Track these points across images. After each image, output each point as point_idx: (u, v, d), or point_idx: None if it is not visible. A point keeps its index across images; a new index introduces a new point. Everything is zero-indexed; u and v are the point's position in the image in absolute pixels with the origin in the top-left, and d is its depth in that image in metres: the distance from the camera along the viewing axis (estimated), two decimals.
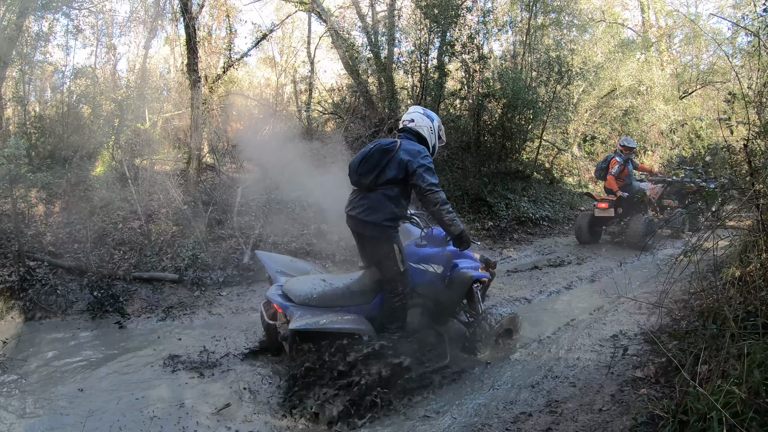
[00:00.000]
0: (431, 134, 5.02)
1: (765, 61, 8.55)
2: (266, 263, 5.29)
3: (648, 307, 6.04)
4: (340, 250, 8.85)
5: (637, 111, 19.08)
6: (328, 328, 4.33)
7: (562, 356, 5.00)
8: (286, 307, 4.45)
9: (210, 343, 5.96)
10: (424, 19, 13.96)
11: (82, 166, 9.81)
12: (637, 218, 10.92)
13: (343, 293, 4.68)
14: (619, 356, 4.68)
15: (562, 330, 5.97)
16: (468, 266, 5.35)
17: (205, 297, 7.50)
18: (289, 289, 4.61)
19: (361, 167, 4.64)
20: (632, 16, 22.96)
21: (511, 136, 15.15)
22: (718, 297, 4.45)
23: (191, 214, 8.69)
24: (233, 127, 15.76)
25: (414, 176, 4.53)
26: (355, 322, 4.54)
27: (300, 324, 4.19)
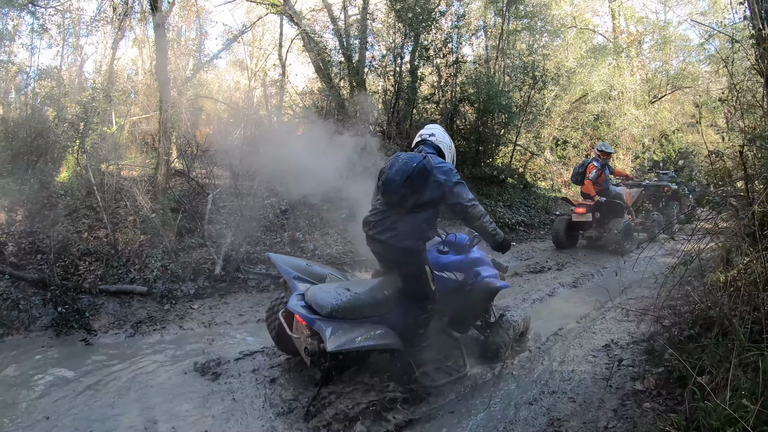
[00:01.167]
0: (449, 152, 4.80)
1: (738, 67, 8.54)
2: (282, 268, 4.84)
3: (636, 313, 5.94)
4: (315, 259, 8.57)
5: (608, 115, 19.27)
6: (365, 346, 4.06)
7: (556, 369, 4.86)
8: (313, 321, 4.06)
9: (184, 357, 5.63)
10: (397, 23, 13.83)
11: (46, 171, 9.37)
12: (615, 223, 10.84)
13: (369, 303, 4.38)
14: (615, 367, 4.59)
15: (551, 340, 5.81)
16: (490, 275, 5.20)
17: (175, 310, 7.12)
18: (313, 299, 4.21)
19: (404, 187, 4.28)
20: (603, 23, 23.17)
21: (485, 141, 15.11)
22: (708, 303, 4.34)
23: (160, 223, 8.34)
24: (202, 131, 15.43)
25: (451, 195, 4.36)
26: (387, 336, 4.25)
27: (337, 344, 3.84)
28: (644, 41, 23.26)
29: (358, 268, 8.72)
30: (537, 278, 9.06)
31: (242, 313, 7.11)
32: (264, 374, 5.05)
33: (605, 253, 10.83)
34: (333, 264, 8.62)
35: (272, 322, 5.13)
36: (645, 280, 6.86)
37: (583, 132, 19.79)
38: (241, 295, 7.68)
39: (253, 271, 8.07)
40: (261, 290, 7.86)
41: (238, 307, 7.28)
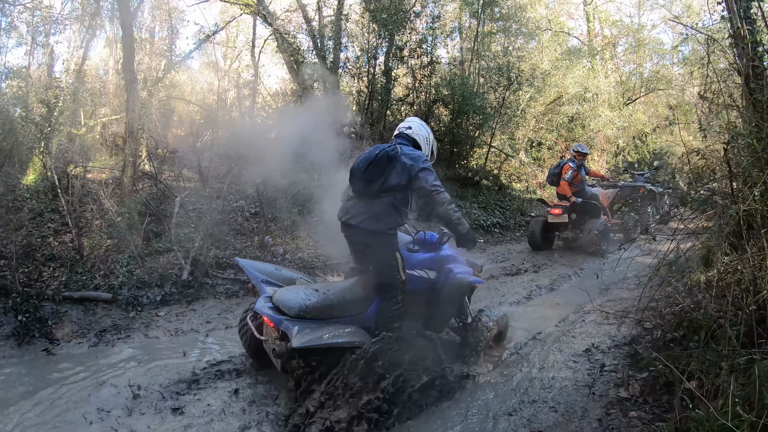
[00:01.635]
0: (426, 144, 4.87)
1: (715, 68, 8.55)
2: (250, 272, 4.74)
3: (616, 316, 5.83)
4: (285, 264, 8.39)
5: (583, 117, 19.29)
6: (332, 344, 3.96)
7: (536, 376, 4.71)
8: (280, 321, 3.97)
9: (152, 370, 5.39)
10: (371, 23, 13.68)
11: (12, 173, 9.07)
12: (591, 223, 10.78)
13: (338, 303, 4.30)
14: (597, 374, 4.48)
15: (530, 345, 5.65)
16: (463, 271, 5.10)
17: (141, 318, 6.87)
18: (281, 300, 4.11)
19: (367, 173, 4.39)
20: (578, 26, 23.35)
21: (459, 143, 15.04)
22: (691, 305, 4.26)
23: (126, 227, 8.09)
24: (174, 133, 15.19)
25: (417, 180, 4.35)
26: (356, 334, 4.20)
27: (303, 341, 3.77)
28: (618, 44, 23.48)
29: (329, 272, 8.55)
30: (513, 281, 8.93)
31: (210, 320, 6.89)
32: (231, 385, 4.85)
33: (582, 255, 10.78)
34: (304, 268, 8.46)
35: (244, 329, 5.00)
36: (624, 281, 6.78)
37: (557, 134, 19.84)
38: (209, 302, 7.46)
39: (221, 277, 7.86)
40: (230, 296, 7.63)
41: (206, 314, 7.06)
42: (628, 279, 7.15)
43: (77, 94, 12.17)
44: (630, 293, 6.83)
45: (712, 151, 5.15)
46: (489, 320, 5.27)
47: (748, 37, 5.49)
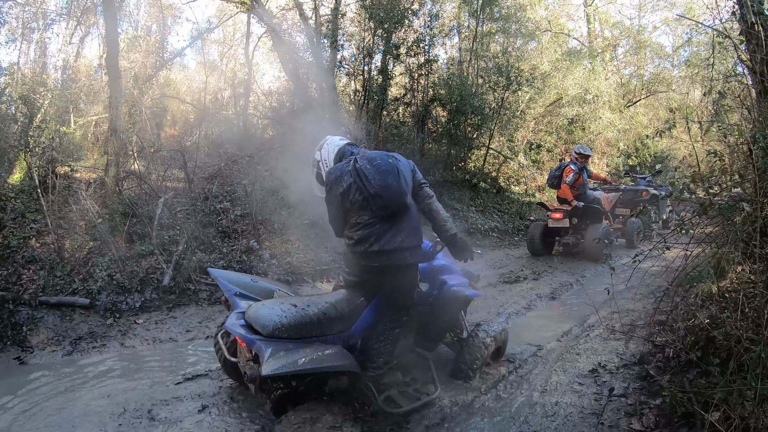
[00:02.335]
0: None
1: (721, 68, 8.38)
2: (222, 284, 4.24)
3: (623, 328, 5.48)
4: (272, 268, 8.05)
5: (583, 119, 19.13)
6: (308, 370, 3.41)
7: (537, 400, 4.30)
8: (252, 341, 3.45)
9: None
10: (368, 21, 13.41)
11: None
12: (593, 228, 10.45)
13: (318, 320, 3.76)
14: (606, 399, 4.09)
15: (530, 363, 5.25)
16: (458, 283, 4.70)
17: (119, 325, 6.53)
18: (254, 317, 3.58)
19: (402, 185, 3.81)
20: (577, 27, 23.22)
21: (457, 144, 14.79)
22: (707, 320, 3.95)
23: (107, 229, 7.74)
24: (168, 132, 14.89)
25: (418, 185, 4.08)
26: (338, 357, 3.65)
27: (275, 367, 3.23)
28: (619, 46, 23.36)
29: (319, 277, 8.23)
30: (512, 289, 8.59)
31: (190, 328, 6.57)
32: (206, 404, 4.49)
33: (583, 261, 10.46)
34: (293, 274, 8.14)
35: (217, 347, 4.58)
36: (629, 290, 6.40)
37: (557, 136, 19.68)
38: (191, 309, 7.12)
39: (205, 282, 7.50)
40: (212, 303, 7.27)
41: (186, 322, 6.73)
42: (633, 288, 6.74)
43: (66, 92, 11.84)
44: (636, 304, 6.50)
45: (729, 153, 4.87)
46: (487, 336, 4.90)
47: (762, 32, 5.25)
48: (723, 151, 4.97)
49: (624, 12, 28.19)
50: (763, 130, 4.13)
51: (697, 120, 18.34)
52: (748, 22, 5.41)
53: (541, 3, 20.20)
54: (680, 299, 4.71)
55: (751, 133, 4.16)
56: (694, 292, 4.43)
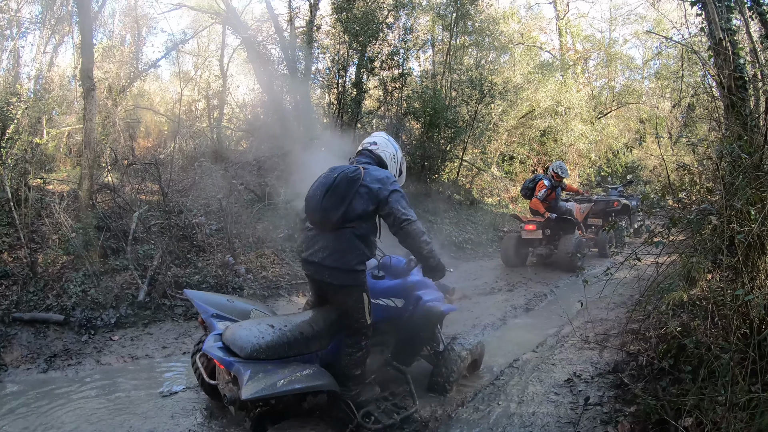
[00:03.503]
0: (393, 163, 4.35)
1: (689, 81, 8.57)
2: (199, 306, 4.24)
3: (596, 339, 5.56)
4: (248, 283, 8.02)
5: (555, 131, 19.31)
6: (288, 391, 3.43)
7: (514, 411, 4.33)
8: (231, 363, 3.46)
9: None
10: (343, 35, 13.47)
11: None
12: (566, 239, 10.58)
13: (296, 340, 3.78)
14: (581, 408, 4.13)
15: (507, 374, 5.26)
16: (433, 298, 4.78)
17: (94, 342, 6.45)
18: (232, 339, 3.60)
19: (326, 201, 3.83)
20: (550, 40, 23.52)
21: (430, 156, 14.84)
22: (678, 328, 4.04)
23: (81, 243, 7.65)
24: (141, 144, 14.80)
25: (386, 205, 3.81)
26: (316, 377, 3.65)
27: (254, 391, 3.23)
28: (590, 59, 23.67)
29: (295, 292, 8.21)
30: (487, 300, 8.65)
31: (166, 344, 6.52)
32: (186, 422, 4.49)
33: (557, 271, 10.55)
34: (269, 288, 8.12)
35: (194, 367, 4.59)
36: (602, 300, 6.50)
37: (530, 147, 19.89)
38: (167, 324, 7.04)
39: (180, 297, 7.42)
40: (188, 318, 7.19)
41: (163, 338, 6.67)
42: (606, 297, 6.84)
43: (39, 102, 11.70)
44: (609, 313, 6.58)
45: (697, 166, 4.99)
46: (462, 349, 4.98)
47: (730, 48, 5.41)
48: (692, 163, 5.09)
49: (595, 25, 28.56)
50: (730, 144, 4.26)
51: (667, 131, 18.66)
52: (716, 38, 5.56)
53: (514, 17, 20.52)
54: (652, 308, 4.80)
55: (719, 148, 4.28)
56: (666, 301, 4.50)
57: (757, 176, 3.95)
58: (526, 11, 23.70)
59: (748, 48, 6.30)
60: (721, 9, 5.70)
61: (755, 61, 6.26)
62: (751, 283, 3.59)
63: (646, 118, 21.28)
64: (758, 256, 3.72)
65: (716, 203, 4.31)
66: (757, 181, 3.92)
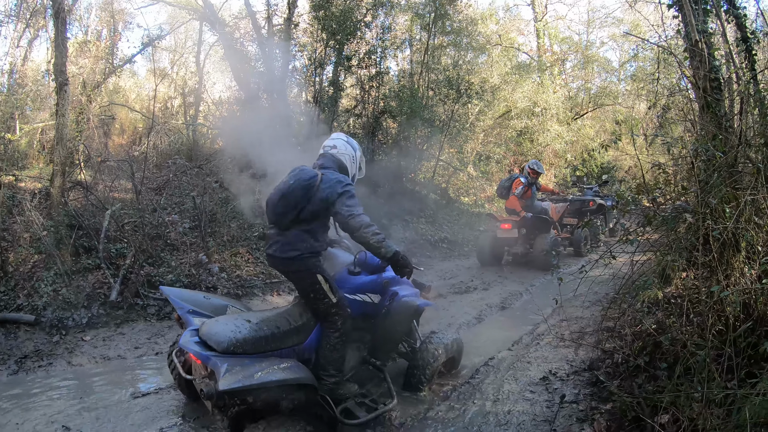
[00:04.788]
0: (353, 164, 4.55)
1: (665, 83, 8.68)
2: (175, 302, 4.21)
3: (572, 337, 5.59)
4: (222, 282, 7.95)
5: (531, 132, 19.42)
6: (266, 383, 3.43)
7: (490, 410, 4.34)
8: (207, 357, 3.47)
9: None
10: (321, 33, 13.42)
11: None
12: (542, 238, 10.66)
13: (273, 334, 3.83)
14: (557, 406, 4.16)
15: (483, 372, 5.29)
16: (409, 294, 4.77)
17: (65, 343, 6.33)
18: (208, 334, 3.60)
19: (280, 206, 4.04)
20: (527, 41, 23.63)
21: (407, 156, 14.83)
22: (653, 326, 4.11)
23: (53, 241, 7.53)
24: (116, 141, 14.62)
25: (334, 205, 3.99)
26: (293, 370, 3.67)
27: (231, 383, 3.25)
28: (567, 60, 23.85)
29: (269, 291, 8.15)
30: (463, 299, 8.67)
31: (139, 345, 6.44)
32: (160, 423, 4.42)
33: (532, 270, 10.63)
34: (243, 287, 8.06)
35: (171, 365, 4.56)
36: (577, 298, 6.53)
37: (506, 147, 19.94)
38: (140, 324, 6.95)
39: (153, 297, 7.33)
40: (161, 318, 7.11)
41: (135, 339, 6.59)
42: (582, 295, 6.85)
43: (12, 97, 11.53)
44: (585, 311, 6.64)
45: (672, 165, 5.04)
46: (438, 346, 4.98)
47: (706, 50, 5.51)
48: (667, 162, 5.14)
49: (573, 28, 28.84)
50: (705, 143, 4.31)
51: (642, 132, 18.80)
52: (692, 40, 5.65)
53: (492, 17, 20.57)
54: (627, 306, 4.83)
55: (694, 147, 4.33)
56: (641, 298, 4.54)
57: (731, 174, 4.01)
58: (504, 12, 23.83)
59: (723, 50, 6.43)
60: (698, 11, 5.83)
61: (730, 62, 6.38)
62: (726, 280, 3.65)
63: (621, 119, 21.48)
64: (733, 254, 3.78)
65: (691, 202, 4.37)
66: (731, 179, 3.98)
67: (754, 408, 2.72)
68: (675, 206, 4.55)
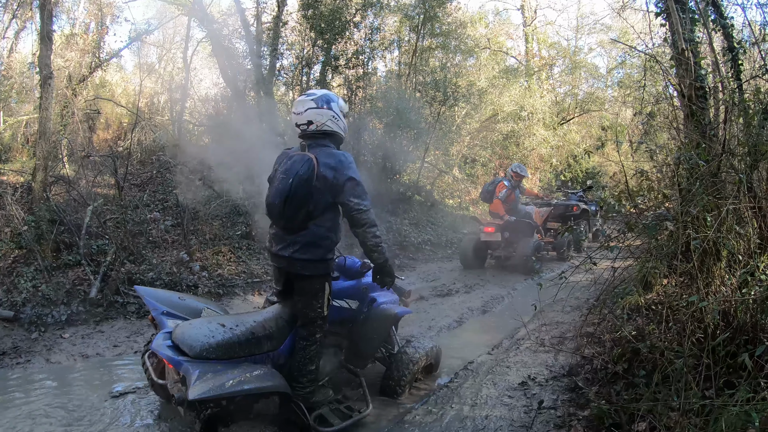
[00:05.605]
0: (337, 122, 4.05)
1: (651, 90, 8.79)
2: (149, 302, 4.12)
3: (552, 342, 5.62)
4: (203, 281, 7.94)
5: (517, 135, 19.49)
6: (237, 392, 3.34)
7: (468, 414, 4.31)
8: (179, 363, 3.37)
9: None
10: (309, 32, 13.39)
11: None
12: (525, 242, 10.69)
13: (247, 340, 3.72)
14: (535, 411, 4.14)
15: (461, 376, 5.27)
16: (388, 300, 4.77)
17: (44, 340, 6.28)
18: (181, 338, 3.51)
19: (288, 210, 3.79)
20: (516, 46, 23.77)
21: (392, 157, 14.81)
22: (633, 332, 4.09)
23: (33, 236, 7.47)
24: (101, 136, 14.50)
25: (341, 194, 3.78)
26: (266, 378, 3.57)
27: (201, 391, 3.15)
28: (555, 66, 23.97)
29: (251, 290, 8.13)
30: (444, 302, 8.66)
31: (118, 343, 6.39)
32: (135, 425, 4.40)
33: (515, 274, 10.63)
34: (224, 286, 8.03)
35: (145, 365, 4.45)
36: (558, 302, 6.55)
37: (492, 151, 19.99)
38: (119, 322, 6.89)
39: (133, 295, 7.24)
40: (141, 316, 7.02)
41: (114, 336, 6.54)
42: (562, 300, 6.85)
43: None
44: (566, 316, 6.65)
45: (656, 172, 5.07)
46: (416, 351, 4.96)
47: (692, 58, 5.52)
48: (651, 170, 5.17)
49: (561, 33, 29.04)
50: (688, 151, 4.34)
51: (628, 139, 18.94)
52: (678, 48, 5.68)
53: (481, 21, 20.63)
54: (608, 311, 4.86)
55: (677, 155, 4.36)
56: (621, 305, 4.56)
57: (713, 183, 4.04)
58: (494, 17, 23.96)
59: (710, 59, 6.50)
60: (685, 20, 5.89)
61: (716, 71, 6.46)
62: (706, 288, 3.67)
63: (608, 125, 21.61)
64: (713, 262, 3.81)
65: (673, 209, 4.40)
66: (714, 187, 4.01)
67: (731, 418, 2.74)
68: (656, 214, 4.58)
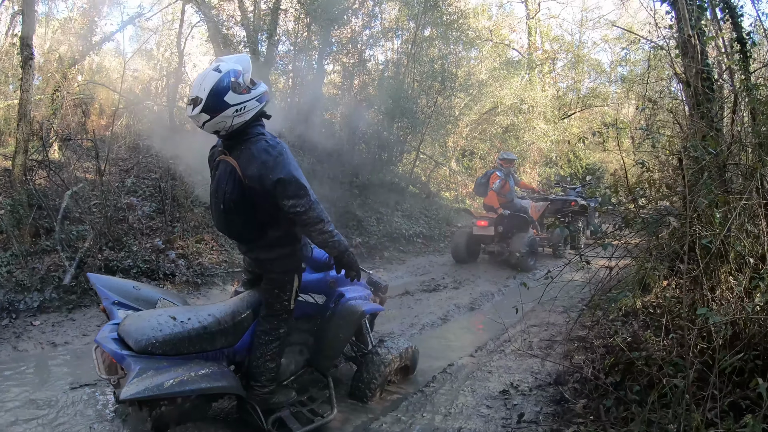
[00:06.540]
0: (244, 111, 3.35)
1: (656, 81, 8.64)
2: (100, 291, 3.79)
3: (540, 345, 5.39)
4: (181, 269, 7.73)
5: (517, 129, 19.33)
6: (178, 392, 3.10)
7: (439, 425, 4.00)
8: (122, 357, 3.09)
9: None
10: (306, 18, 13.18)
11: None
12: (519, 237, 10.46)
13: (198, 335, 3.42)
14: (513, 426, 3.82)
15: (438, 381, 4.96)
16: (357, 296, 4.44)
17: (14, 326, 6.10)
18: (127, 330, 3.23)
19: (234, 230, 3.57)
20: (518, 39, 23.50)
21: (387, 147, 14.61)
22: (628, 339, 3.89)
23: (11, 220, 7.27)
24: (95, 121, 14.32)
25: (274, 197, 3.29)
26: (215, 377, 3.31)
27: (135, 391, 2.88)
28: (558, 59, 23.72)
29: (230, 280, 7.92)
30: (430, 298, 8.43)
31: (88, 332, 6.18)
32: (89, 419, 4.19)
33: (507, 270, 10.34)
34: (203, 276, 7.83)
35: None
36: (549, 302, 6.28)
37: (491, 144, 19.78)
38: (92, 310, 6.67)
39: None
40: None
41: (85, 325, 6.36)
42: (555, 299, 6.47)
43: None
44: (558, 317, 6.40)
45: (658, 165, 4.88)
46: (388, 352, 4.63)
47: (698, 46, 5.43)
48: (652, 163, 4.96)
49: (565, 27, 28.78)
50: (694, 141, 4.13)
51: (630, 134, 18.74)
52: (685, 35, 5.53)
53: (485, 13, 20.38)
54: (602, 314, 4.64)
55: (682, 144, 4.14)
56: (616, 307, 4.34)
57: (721, 175, 3.83)
58: (497, 9, 23.66)
59: (717, 45, 6.36)
60: (692, 7, 5.69)
61: (723, 59, 6.31)
62: (711, 293, 3.43)
63: (610, 121, 21.40)
64: (720, 264, 3.57)
65: (676, 204, 4.15)
66: (721, 179, 3.80)
67: None
68: (657, 208, 4.36)
